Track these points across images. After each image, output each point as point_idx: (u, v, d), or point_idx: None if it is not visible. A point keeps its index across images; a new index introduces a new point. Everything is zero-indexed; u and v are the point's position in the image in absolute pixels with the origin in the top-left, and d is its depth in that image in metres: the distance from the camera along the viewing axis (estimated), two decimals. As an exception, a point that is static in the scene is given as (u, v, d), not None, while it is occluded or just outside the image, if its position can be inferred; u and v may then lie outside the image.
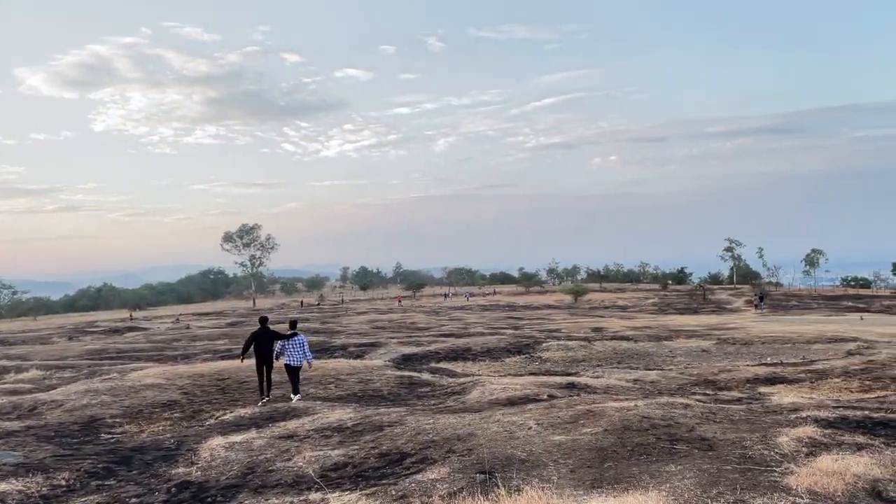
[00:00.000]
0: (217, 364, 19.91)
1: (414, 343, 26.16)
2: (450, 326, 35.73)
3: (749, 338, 25.77)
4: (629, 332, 28.78)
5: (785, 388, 15.76)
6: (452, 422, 10.43)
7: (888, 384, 15.48)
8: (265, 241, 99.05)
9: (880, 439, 8.88)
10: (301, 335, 14.48)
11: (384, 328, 36.08)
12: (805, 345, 23.75)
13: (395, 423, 10.87)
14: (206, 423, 13.00)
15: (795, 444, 8.37)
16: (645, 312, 52.79)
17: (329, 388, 15.78)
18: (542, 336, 27.68)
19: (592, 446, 8.47)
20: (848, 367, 17.85)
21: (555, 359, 22.63)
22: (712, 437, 8.85)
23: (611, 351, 23.79)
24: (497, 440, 9.05)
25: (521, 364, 21.96)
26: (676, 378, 17.13)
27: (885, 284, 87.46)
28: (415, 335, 30.10)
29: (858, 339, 23.84)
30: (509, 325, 36.68)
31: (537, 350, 24.00)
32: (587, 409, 10.46)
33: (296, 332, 14.46)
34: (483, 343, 25.38)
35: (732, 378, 16.94)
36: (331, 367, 18.34)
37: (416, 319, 42.62)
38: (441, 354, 23.53)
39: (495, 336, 27.84)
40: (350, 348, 25.37)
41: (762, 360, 20.79)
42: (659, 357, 22.47)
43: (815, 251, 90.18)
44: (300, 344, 14.22)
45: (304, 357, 14.25)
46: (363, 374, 17.25)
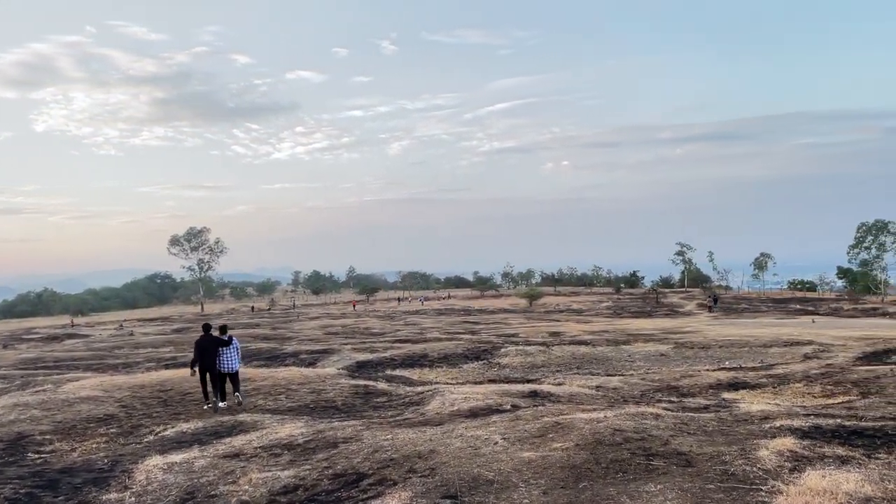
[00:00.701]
0: (160, 374, 18.83)
1: (368, 349, 25.36)
2: (405, 332, 34.99)
3: (706, 341, 25.69)
4: (587, 337, 28.48)
5: (748, 394, 15.52)
6: (412, 437, 9.74)
7: (850, 389, 15.34)
8: (214, 244, 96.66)
9: (859, 450, 8.51)
10: (235, 340, 14.44)
11: (337, 334, 35.14)
12: (762, 348, 23.73)
13: (350, 438, 10.12)
14: (145, 439, 12.02)
15: (777, 457, 7.92)
16: (600, 316, 52.87)
17: (279, 400, 14.92)
18: (500, 341, 27.17)
19: (565, 464, 7.88)
20: (808, 371, 17.74)
21: (514, 364, 22.11)
22: (689, 450, 8.36)
23: (570, 356, 23.39)
24: (461, 458, 8.40)
25: (479, 370, 21.38)
26: (639, 384, 16.74)
27: (830, 288, 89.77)
28: (369, 341, 29.28)
29: (814, 342, 23.94)
30: (466, 329, 36.12)
31: (496, 355, 23.47)
32: (555, 422, 9.89)
33: (231, 338, 14.35)
34: (440, 349, 24.74)
35: (695, 384, 16.63)
36: (281, 376, 17.47)
37: (370, 324, 41.74)
38: (397, 361, 22.80)
39: (452, 341, 27.22)
40: (302, 355, 24.45)
41: (721, 365, 20.62)
42: (618, 362, 22.14)
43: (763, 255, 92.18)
44: (234, 349, 14.18)
45: (238, 362, 14.28)
46: (316, 384, 16.42)
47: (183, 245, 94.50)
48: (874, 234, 74.83)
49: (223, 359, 14.07)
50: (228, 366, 14.11)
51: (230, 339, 14.34)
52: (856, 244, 76.48)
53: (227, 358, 14.09)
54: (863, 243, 75.84)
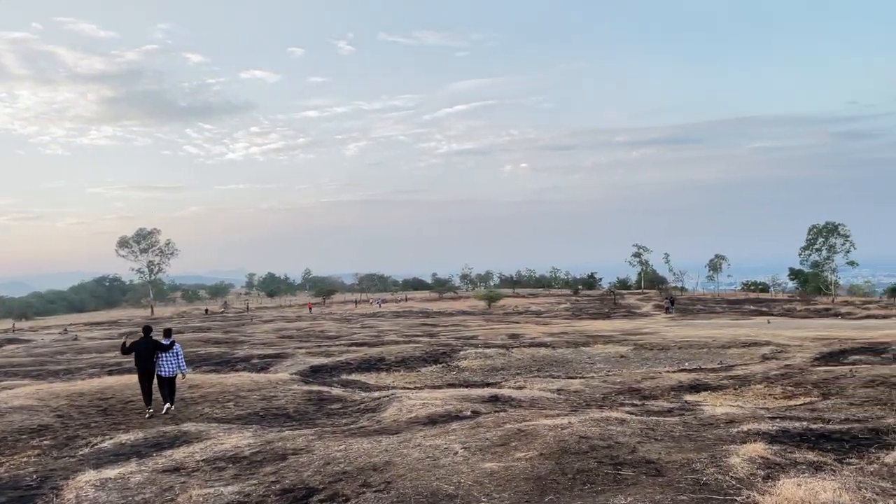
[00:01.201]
0: (102, 381, 17.83)
1: (323, 353, 24.64)
2: (362, 334, 34.29)
3: (665, 343, 25.62)
4: (547, 339, 28.20)
5: (710, 396, 15.33)
6: (367, 447, 9.17)
7: (810, 390, 15.26)
8: (164, 246, 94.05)
9: (830, 455, 8.25)
10: (177, 344, 14.04)
11: (292, 337, 34.24)
12: (720, 349, 23.73)
13: (300, 449, 9.51)
14: (80, 452, 11.19)
15: (749, 465, 7.58)
16: (559, 318, 52.84)
17: (227, 408, 14.17)
18: (459, 344, 26.70)
19: (529, 475, 7.41)
20: (768, 372, 17.67)
21: (473, 367, 21.66)
22: (657, 458, 7.98)
23: (530, 358, 23.04)
24: (419, 470, 7.87)
25: (438, 374, 20.88)
26: (600, 387, 16.43)
27: (782, 289, 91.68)
28: (324, 344, 28.53)
29: (771, 342, 24.03)
30: (424, 332, 35.56)
31: (454, 358, 22.99)
32: (518, 429, 9.43)
33: (173, 342, 13.92)
34: (397, 352, 24.15)
35: (657, 386, 16.39)
36: (230, 382, 16.67)
37: (326, 327, 40.87)
38: (353, 365, 22.15)
39: (410, 344, 26.65)
40: (254, 360, 23.60)
41: (681, 366, 20.50)
42: (579, 364, 21.86)
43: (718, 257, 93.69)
44: (175, 354, 13.79)
45: (178, 367, 13.82)
46: (266, 390, 15.70)
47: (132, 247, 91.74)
48: (825, 236, 76.63)
49: (162, 363, 13.63)
50: (168, 370, 13.66)
51: (172, 343, 13.88)
52: (807, 246, 78.23)
53: (166, 362, 13.65)
54: (814, 245, 77.62)
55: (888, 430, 9.64)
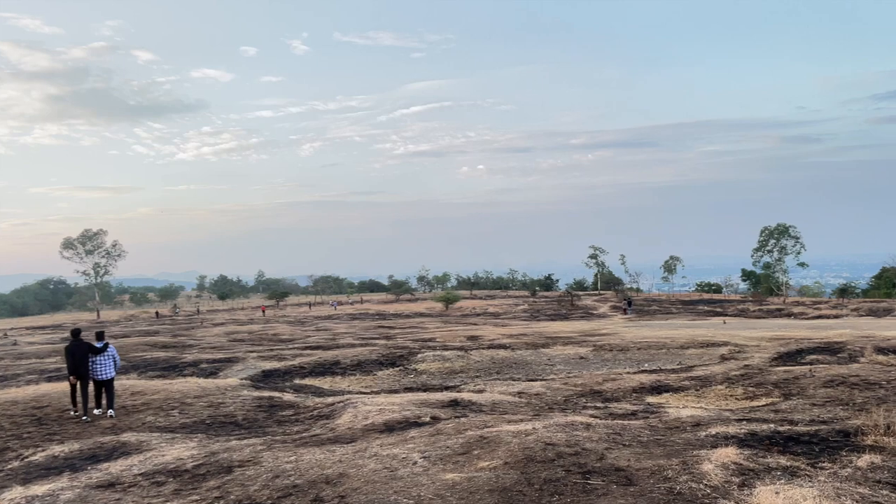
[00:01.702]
0: (38, 388, 16.82)
1: (276, 357, 23.83)
2: (316, 338, 33.45)
3: (624, 344, 25.48)
4: (506, 341, 27.84)
5: (672, 398, 15.11)
6: (320, 458, 8.59)
7: (771, 390, 15.16)
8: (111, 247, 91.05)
9: (802, 459, 7.97)
10: (111, 347, 13.72)
11: (243, 341, 33.22)
12: (679, 350, 23.67)
13: (247, 461, 8.86)
14: (9, 465, 10.34)
15: (722, 471, 7.23)
16: (517, 319, 52.67)
17: (171, 416, 13.40)
18: (417, 346, 26.16)
19: (494, 486, 6.93)
20: (728, 373, 17.56)
21: (431, 371, 21.15)
22: (627, 465, 7.58)
23: (489, 361, 22.63)
24: (376, 482, 7.33)
25: (395, 377, 20.32)
26: (561, 389, 16.07)
27: (735, 290, 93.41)
28: (277, 348, 27.67)
29: (729, 342, 24.07)
30: (381, 334, 34.91)
31: (412, 361, 22.44)
32: (480, 436, 8.95)
33: (106, 344, 13.61)
34: (353, 355, 23.49)
35: (618, 388, 16.10)
36: (176, 388, 15.85)
37: (279, 330, 39.86)
38: (307, 369, 21.44)
39: (366, 347, 26.01)
40: (202, 365, 22.68)
41: (641, 367, 20.33)
42: (538, 366, 21.53)
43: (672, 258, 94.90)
44: (109, 356, 13.47)
45: (113, 370, 13.52)
46: (214, 396, 14.94)
47: (77, 248, 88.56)
48: (776, 237, 78.27)
49: (96, 366, 13.23)
50: (102, 373, 13.28)
51: (105, 345, 13.53)
52: (759, 247, 79.77)
53: (100, 365, 13.27)
54: (766, 247, 79.19)
55: (856, 431, 9.44)
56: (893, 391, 13.86)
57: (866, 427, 9.43)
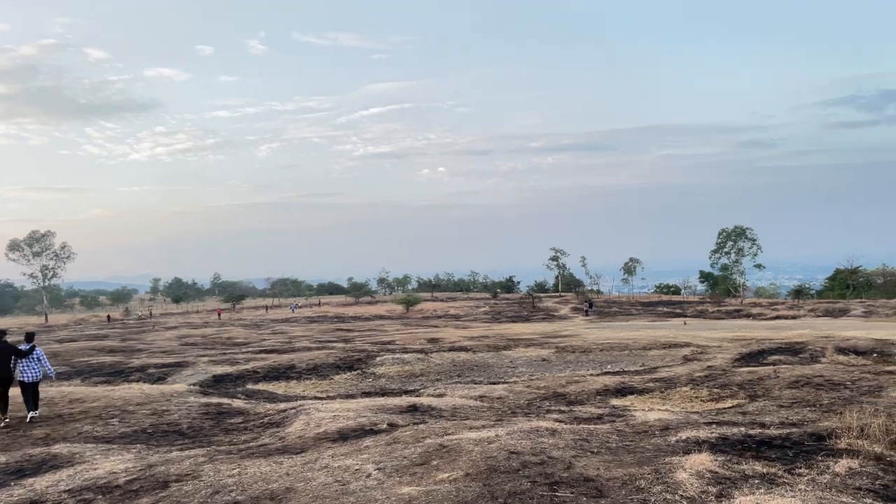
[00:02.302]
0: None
1: (228, 361, 22.93)
2: (272, 341, 32.51)
3: (586, 345, 25.17)
4: (467, 343, 27.33)
5: (637, 400, 14.75)
6: (265, 470, 7.90)
7: (736, 392, 14.90)
8: (60, 249, 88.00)
9: (778, 465, 7.56)
10: (38, 349, 13.37)
11: (195, 345, 32.11)
12: (641, 351, 23.43)
13: (186, 475, 8.13)
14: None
15: (698, 480, 6.76)
16: (479, 321, 52.26)
17: (110, 425, 12.52)
18: (375, 349, 25.48)
19: (454, 500, 6.34)
20: (692, 374, 17.29)
21: (390, 374, 20.51)
22: (597, 475, 7.07)
23: (450, 363, 22.07)
24: (325, 497, 6.68)
25: (352, 382, 19.64)
26: (524, 392, 15.59)
27: (693, 291, 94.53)
28: (230, 352, 26.71)
29: (691, 343, 23.92)
30: (339, 337, 34.09)
31: (370, 365, 21.77)
32: (440, 444, 8.36)
33: (33, 346, 13.22)
34: (309, 359, 22.72)
35: (582, 390, 15.69)
36: (118, 395, 14.94)
37: (233, 334, 38.73)
38: (260, 374, 20.62)
39: (323, 350, 25.23)
40: (150, 370, 21.68)
41: (604, 369, 19.99)
42: (500, 368, 21.05)
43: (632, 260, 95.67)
44: (36, 358, 13.14)
45: (40, 372, 13.16)
46: (158, 404, 14.09)
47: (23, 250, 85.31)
48: (733, 239, 79.42)
49: (24, 368, 12.93)
50: (30, 375, 12.95)
51: (32, 347, 13.17)
52: (717, 249, 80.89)
53: (27, 368, 12.97)
54: (723, 248, 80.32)
55: (828, 434, 9.11)
56: (859, 392, 13.69)
57: (840, 430, 9.12)
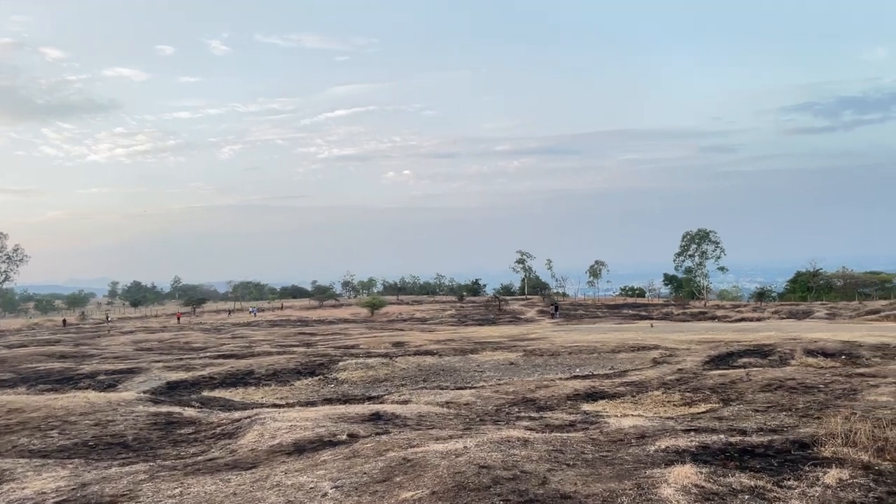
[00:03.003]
0: None
1: (184, 367, 21.96)
2: (231, 345, 31.50)
3: (554, 348, 24.73)
4: (433, 346, 26.69)
5: (609, 405, 14.29)
6: (210, 490, 7.17)
7: (709, 396, 14.52)
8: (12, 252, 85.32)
9: (765, 476, 7.09)
10: None
11: (151, 350, 30.94)
12: (610, 354, 23.06)
13: (121, 495, 7.35)
14: None
15: (684, 497, 6.23)
16: (445, 324, 51.67)
17: (49, 437, 11.60)
18: (339, 353, 24.71)
19: (418, 525, 5.72)
20: (663, 377, 16.92)
21: (353, 379, 19.79)
22: (574, 491, 6.49)
23: (415, 368, 21.42)
24: (274, 522, 6.00)
25: (314, 387, 18.88)
26: (492, 398, 15.02)
27: (658, 294, 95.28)
28: (187, 357, 25.70)
29: (659, 346, 23.63)
30: (301, 342, 33.20)
31: (333, 370, 21.01)
32: (403, 458, 7.72)
33: None
34: (269, 364, 21.87)
35: (552, 395, 15.17)
36: (60, 404, 13.97)
37: (192, 338, 37.55)
38: (217, 380, 19.74)
39: (284, 355, 24.38)
40: (100, 376, 20.63)
41: (573, 373, 19.54)
42: (467, 373, 20.46)
43: (598, 263, 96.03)
44: None
45: None
46: (104, 413, 13.17)
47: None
48: (697, 242, 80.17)
49: None
50: None
51: None
52: (681, 252, 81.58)
53: None
54: (687, 251, 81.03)
55: (812, 441, 8.69)
56: (833, 395, 13.41)
57: (823, 436, 8.70)
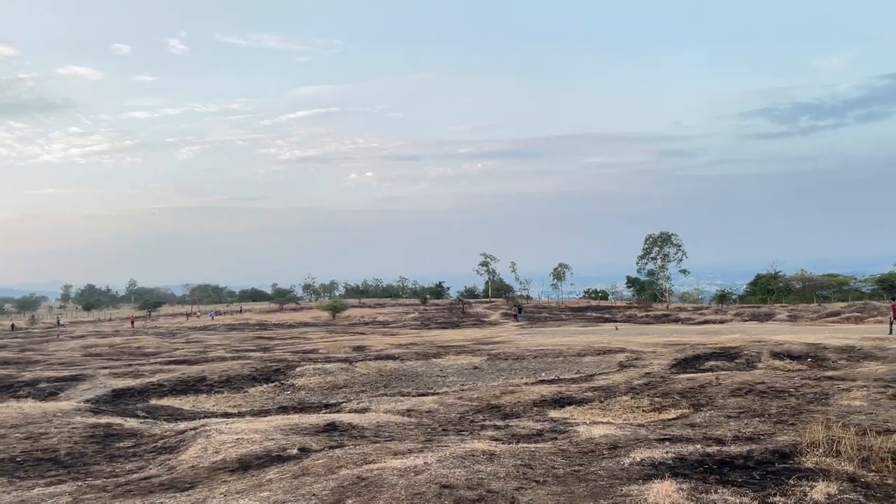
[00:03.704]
0: None
1: (132, 374, 20.87)
2: (185, 350, 30.32)
3: (519, 352, 24.20)
4: (394, 351, 25.96)
5: (577, 411, 13.76)
6: (139, 516, 6.38)
7: (679, 401, 14.09)
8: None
9: (749, 492, 6.57)
10: None
11: (100, 355, 29.61)
12: (576, 357, 22.61)
13: (38, 524, 6.53)
14: None
15: (667, 518, 5.66)
16: (408, 328, 50.91)
17: (-29, 453, 10.60)
18: (296, 359, 23.83)
19: (371, 557, 5.02)
20: (630, 382, 16.47)
21: (311, 386, 18.98)
22: (546, 513, 5.88)
23: (376, 373, 20.67)
24: (207, 555, 5.25)
25: (269, 395, 18.04)
26: (456, 404, 14.38)
27: (620, 296, 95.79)
28: (136, 363, 24.55)
29: (625, 349, 23.26)
30: (258, 346, 32.15)
31: (290, 376, 20.15)
32: (357, 476, 7.01)
33: None
34: (223, 370, 20.91)
35: (518, 401, 14.59)
36: (-11, 416, 12.92)
37: (144, 343, 36.19)
38: (166, 387, 18.74)
39: (239, 361, 23.41)
40: (42, 384, 19.45)
41: (539, 377, 19.01)
42: (430, 378, 19.80)
43: (561, 265, 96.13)
44: None
45: None
46: (37, 425, 12.19)
47: (-83, 254, 79.56)
48: (659, 245, 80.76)
49: None
50: None
51: None
52: (644, 255, 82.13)
53: None
54: (650, 254, 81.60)
55: (792, 450, 8.23)
56: (805, 399, 13.06)
57: (803, 446, 8.24)
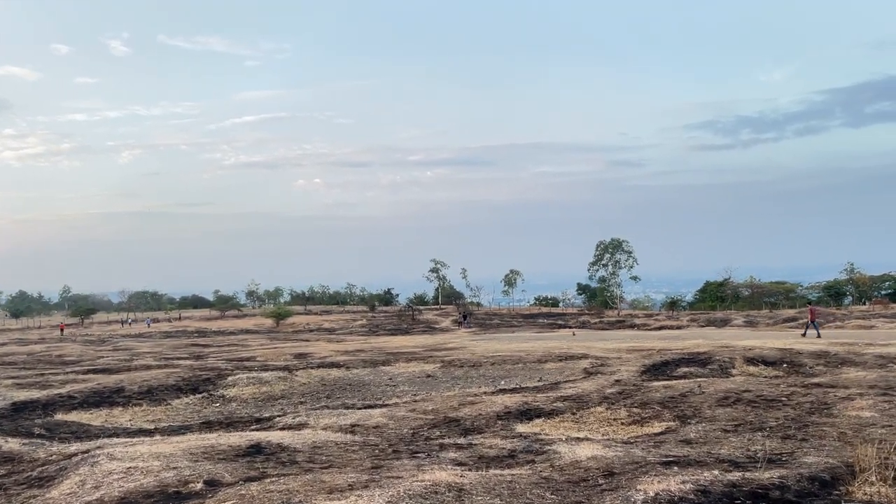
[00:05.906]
0: None
1: (40, 385, 18.37)
2: (109, 358, 27.66)
3: (475, 359, 22.43)
4: (340, 358, 23.90)
5: (546, 424, 12.01)
6: None
7: (661, 412, 12.47)
8: None
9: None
10: None
11: (13, 364, 26.76)
12: (537, 364, 20.96)
13: None
14: None
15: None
16: (355, 335, 48.77)
17: None
18: (230, 367, 21.59)
19: None
20: (602, 390, 14.83)
21: (244, 397, 16.86)
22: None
23: (318, 382, 18.63)
24: None
25: (194, 407, 15.87)
26: (408, 418, 12.47)
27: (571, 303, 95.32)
28: (50, 372, 21.93)
29: (588, 355, 21.74)
30: (191, 354, 29.64)
31: (220, 386, 17.97)
32: (276, 526, 5.06)
33: None
34: (145, 380, 18.57)
35: (479, 413, 12.75)
36: None
37: (67, 351, 33.24)
38: (77, 399, 16.36)
39: (166, 369, 21.05)
40: (-75, 397, 16.78)
41: (499, 386, 17.27)
42: (378, 387, 17.85)
43: (512, 272, 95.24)
44: None
45: None
46: None
47: None
48: (611, 251, 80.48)
49: None
50: None
51: None
52: (595, 261, 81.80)
53: None
54: (601, 261, 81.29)
55: (832, 476, 6.61)
56: (802, 409, 11.60)
57: (851, 470, 6.64)
